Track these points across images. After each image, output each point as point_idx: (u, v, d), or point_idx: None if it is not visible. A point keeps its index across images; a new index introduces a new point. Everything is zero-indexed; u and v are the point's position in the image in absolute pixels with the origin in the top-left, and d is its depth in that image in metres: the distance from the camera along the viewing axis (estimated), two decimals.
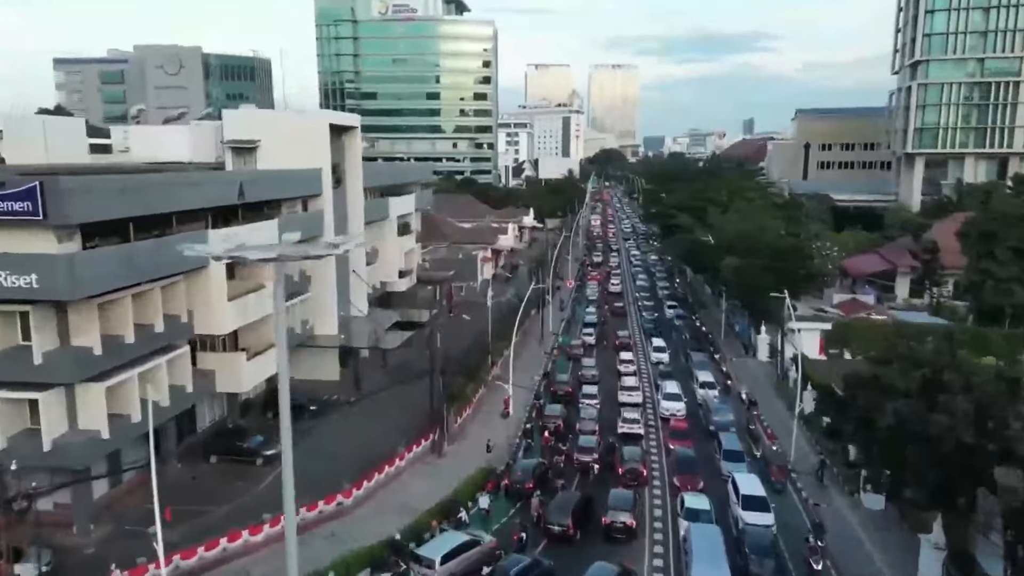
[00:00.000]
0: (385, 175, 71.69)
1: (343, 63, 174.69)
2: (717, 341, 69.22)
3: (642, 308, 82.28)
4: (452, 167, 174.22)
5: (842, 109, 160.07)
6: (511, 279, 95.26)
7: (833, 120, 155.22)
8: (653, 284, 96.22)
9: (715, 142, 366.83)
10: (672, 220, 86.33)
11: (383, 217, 68.78)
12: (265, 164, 52.37)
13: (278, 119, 54.12)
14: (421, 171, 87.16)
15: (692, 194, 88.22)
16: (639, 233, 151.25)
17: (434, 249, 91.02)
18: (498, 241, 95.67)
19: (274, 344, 47.03)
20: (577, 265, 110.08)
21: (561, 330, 75.06)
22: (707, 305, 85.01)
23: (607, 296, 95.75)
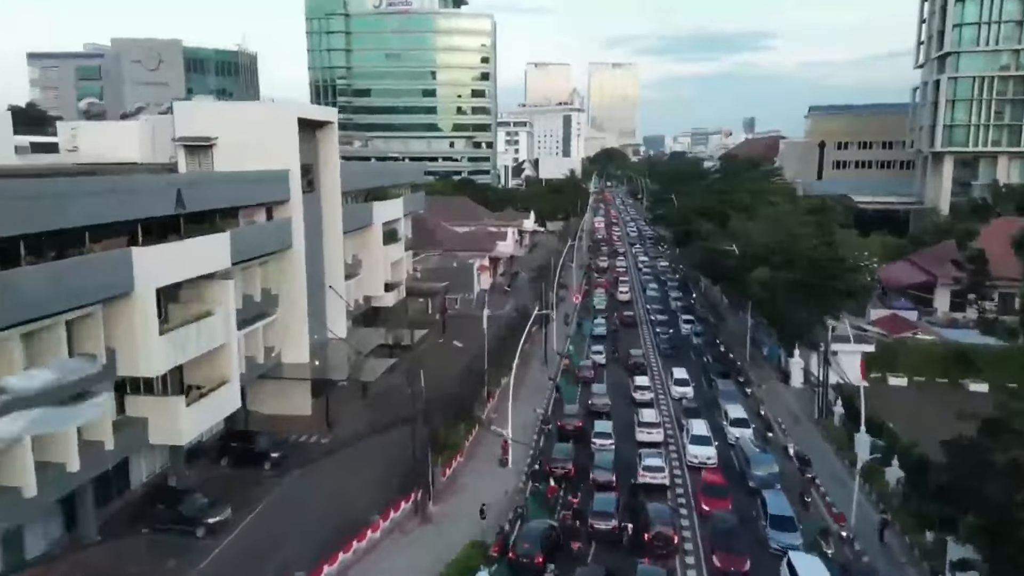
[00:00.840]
0: (369, 177, 64.00)
1: (335, 58, 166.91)
2: (742, 363, 61.51)
3: (655, 323, 74.43)
4: (449, 167, 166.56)
5: (858, 106, 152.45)
6: (510, 289, 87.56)
7: (849, 117, 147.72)
8: (665, 294, 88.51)
9: (721, 141, 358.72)
10: (688, 225, 78.55)
11: (366, 224, 61.16)
12: (224, 164, 44.77)
13: (238, 112, 46.49)
14: (411, 172, 79.40)
15: (708, 196, 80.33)
16: (646, 237, 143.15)
17: (426, 257, 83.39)
18: (496, 248, 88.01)
19: (229, 380, 39.56)
20: (582, 272, 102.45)
21: (567, 347, 67.29)
22: (725, 318, 77.31)
23: (616, 305, 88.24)
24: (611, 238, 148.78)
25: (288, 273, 46.50)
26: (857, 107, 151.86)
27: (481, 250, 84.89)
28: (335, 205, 52.72)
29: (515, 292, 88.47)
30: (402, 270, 68.98)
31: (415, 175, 78.25)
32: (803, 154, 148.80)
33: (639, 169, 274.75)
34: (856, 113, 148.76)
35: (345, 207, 56.31)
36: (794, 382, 56.38)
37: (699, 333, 68.28)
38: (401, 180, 72.33)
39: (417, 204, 77.19)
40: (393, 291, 66.20)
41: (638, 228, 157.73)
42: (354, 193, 60.40)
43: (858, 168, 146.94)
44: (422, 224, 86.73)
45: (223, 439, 41.43)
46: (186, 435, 34.66)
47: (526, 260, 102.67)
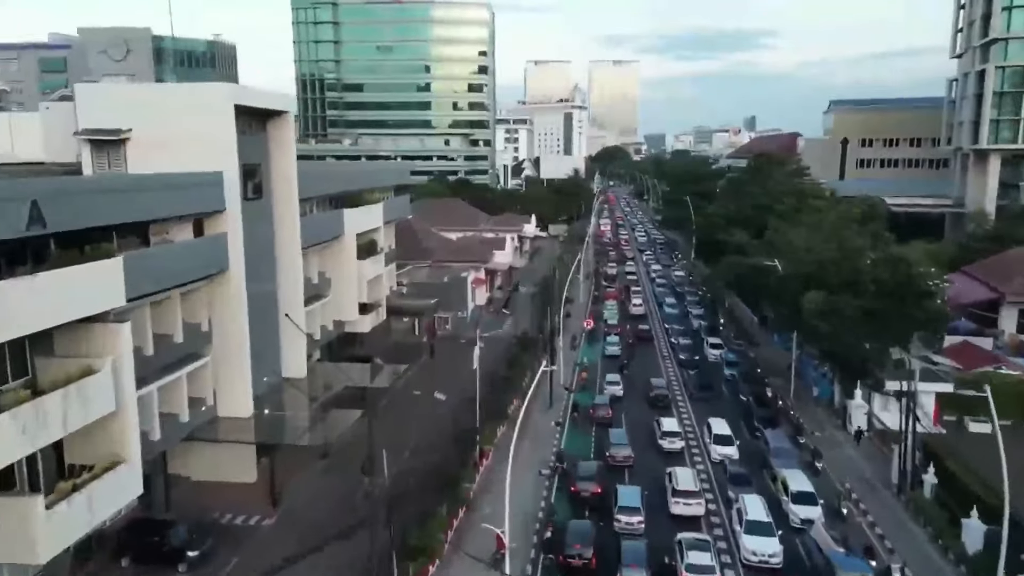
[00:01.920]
0: (338, 179, 53.65)
1: (322, 51, 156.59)
2: (786, 402, 51.32)
3: (678, 347, 63.98)
4: (444, 166, 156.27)
5: (884, 100, 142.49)
6: (508, 311, 77.31)
7: (874, 112, 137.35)
8: (684, 310, 78.22)
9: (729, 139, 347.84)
10: (713, 233, 68.10)
11: (336, 235, 51.03)
12: (141, 164, 34.72)
13: (158, 97, 36.26)
14: (394, 172, 68.95)
15: (735, 200, 69.86)
16: (656, 242, 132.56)
17: (413, 270, 73.23)
18: (493, 258, 77.80)
19: (125, 460, 29.42)
20: (590, 282, 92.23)
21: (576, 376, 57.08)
22: (758, 342, 67.09)
23: (624, 312, 78.42)
24: (618, 242, 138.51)
25: (223, 303, 36.32)
26: (883, 101, 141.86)
27: (476, 261, 74.74)
28: (291, 215, 42.51)
29: (515, 308, 78.31)
30: (382, 287, 58.82)
31: (399, 176, 67.93)
32: (824, 152, 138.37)
33: (643, 168, 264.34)
34: (882, 108, 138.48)
35: (307, 217, 46.22)
36: (854, 428, 46.13)
37: (732, 363, 57.98)
38: (381, 182, 62.11)
39: (401, 210, 67.05)
40: (371, 313, 56.09)
41: (647, 232, 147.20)
42: (320, 199, 50.24)
43: (884, 167, 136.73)
44: (409, 232, 76.60)
45: (123, 531, 31.16)
46: (46, 551, 24.38)
47: (527, 270, 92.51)
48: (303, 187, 45.22)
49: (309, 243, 46.65)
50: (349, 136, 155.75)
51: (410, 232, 77.19)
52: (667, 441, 44.60)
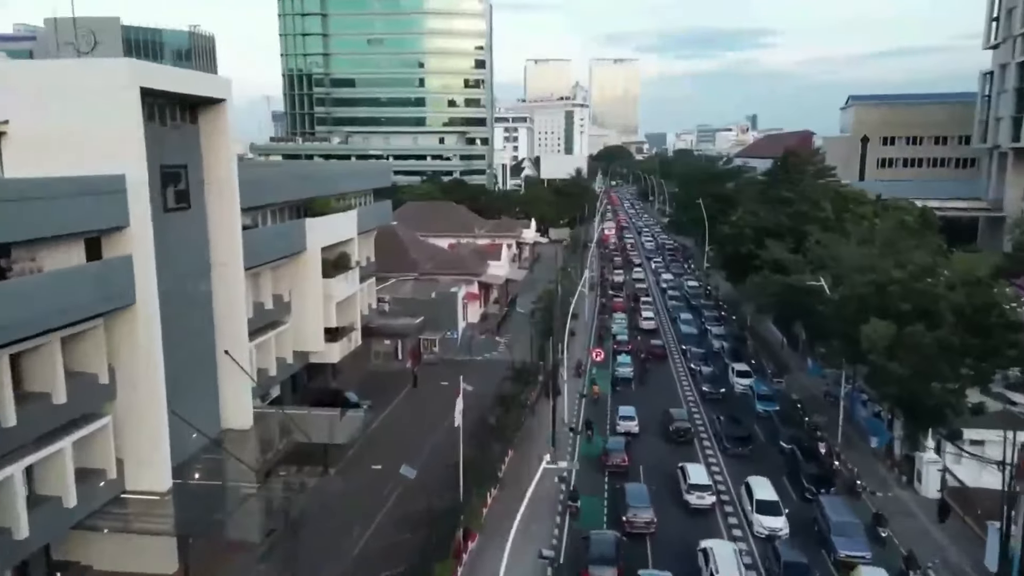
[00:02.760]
0: (303, 183, 45.10)
1: (310, 44, 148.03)
2: (838, 451, 42.92)
3: (699, 376, 55.25)
4: (438, 166, 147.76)
5: (907, 95, 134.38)
6: (506, 322, 68.97)
7: (897, 109, 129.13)
8: (701, 326, 69.70)
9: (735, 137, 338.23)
10: (742, 245, 59.37)
11: (296, 250, 42.61)
12: (22, 165, 26.49)
13: (44, 78, 27.79)
14: (374, 173, 60.28)
15: (762, 205, 61.16)
16: (664, 248, 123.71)
17: (397, 284, 64.87)
18: (488, 270, 69.37)
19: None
20: (595, 294, 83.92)
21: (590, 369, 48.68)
22: (790, 367, 58.74)
23: (640, 334, 70.29)
24: (624, 247, 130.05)
25: (130, 345, 27.95)
26: (905, 96, 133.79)
27: (468, 274, 66.29)
28: (230, 228, 34.10)
29: (512, 326, 69.93)
30: (355, 308, 50.43)
31: (378, 177, 59.40)
32: (842, 151, 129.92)
33: (647, 167, 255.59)
34: (905, 103, 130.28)
35: (256, 231, 37.98)
36: (927, 489, 37.74)
37: (765, 396, 49.41)
38: (358, 185, 53.77)
39: (382, 216, 58.73)
40: (343, 339, 47.72)
41: (654, 236, 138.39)
42: (277, 207, 41.90)
43: (906, 167, 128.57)
44: (393, 240, 68.30)
45: None
46: None
47: (526, 281, 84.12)
48: (253, 193, 36.93)
49: (260, 261, 38.39)
50: (338, 134, 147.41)
51: (394, 241, 68.86)
52: (695, 496, 36.55)
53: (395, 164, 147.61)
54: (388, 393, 52.15)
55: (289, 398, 45.61)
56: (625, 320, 74.40)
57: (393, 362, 58.57)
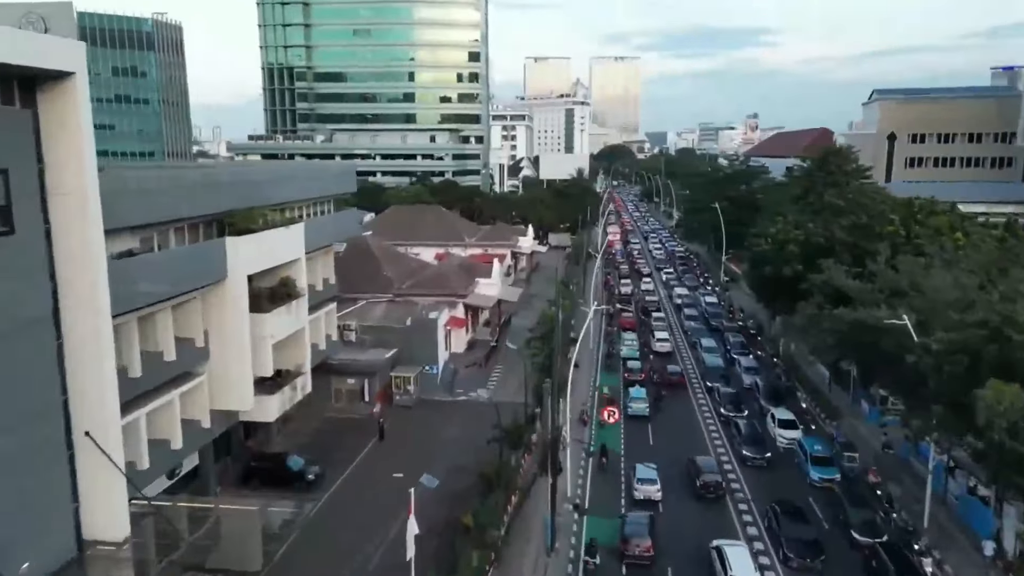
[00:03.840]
0: (208, 194, 34.10)
1: (291, 35, 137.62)
2: (916, 526, 32.64)
3: (736, 432, 44.23)
4: (429, 166, 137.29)
5: (937, 89, 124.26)
6: (495, 354, 58.60)
7: (927, 103, 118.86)
8: (726, 354, 59.22)
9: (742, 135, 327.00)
10: (778, 261, 48.46)
11: (211, 280, 32.22)
12: None
13: None
14: (328, 177, 48.75)
15: (811, 216, 50.11)
16: (675, 255, 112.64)
17: (368, 306, 54.64)
18: (475, 290, 58.94)
19: None
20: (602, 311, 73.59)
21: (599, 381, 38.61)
22: (839, 411, 48.38)
23: (652, 356, 60.50)
24: (630, 253, 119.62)
25: None
26: (935, 91, 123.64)
27: (451, 295, 55.90)
28: (88, 257, 23.69)
29: (504, 356, 59.54)
30: (303, 347, 40.03)
31: (338, 181, 48.64)
32: (867, 150, 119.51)
33: (651, 167, 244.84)
34: (935, 98, 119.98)
35: (141, 259, 27.67)
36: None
37: (823, 460, 38.73)
38: (298, 193, 43.27)
39: (344, 229, 48.54)
40: (283, 390, 37.34)
41: (662, 242, 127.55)
42: (185, 224, 31.54)
43: (936, 166, 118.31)
44: (364, 255, 58.17)
45: None
46: None
47: (523, 297, 73.75)
48: (142, 207, 26.81)
49: (153, 298, 28.16)
50: (321, 132, 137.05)
51: (365, 255, 58.65)
52: None
53: (383, 164, 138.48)
54: (347, 450, 41.92)
55: (211, 471, 35.35)
56: (636, 341, 64.30)
57: (358, 404, 48.30)
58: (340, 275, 52.87)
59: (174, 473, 32.93)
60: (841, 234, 44.53)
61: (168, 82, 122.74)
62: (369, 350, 50.42)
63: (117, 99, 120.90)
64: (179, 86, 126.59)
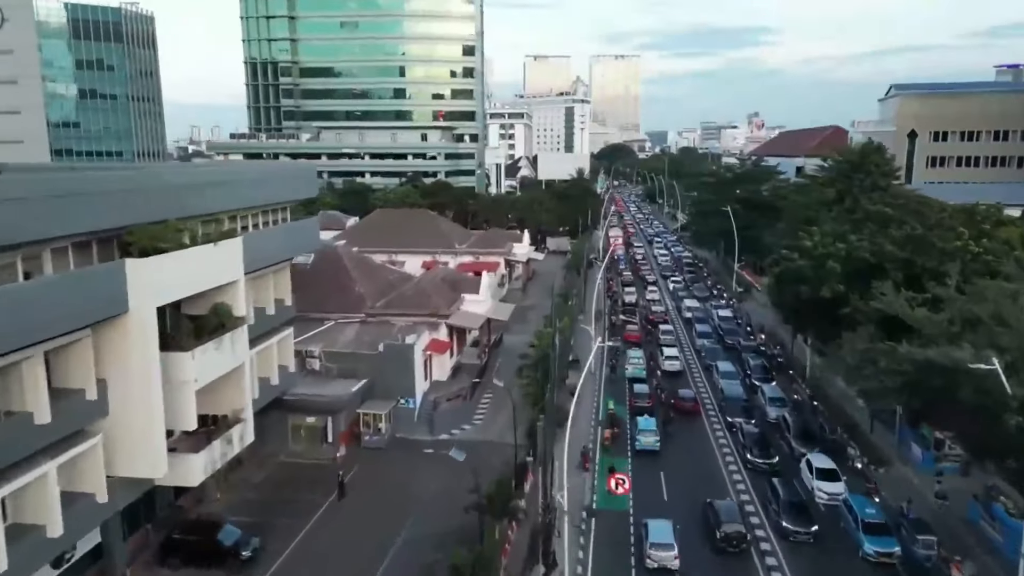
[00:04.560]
0: (106, 205, 26.65)
1: (275, 28, 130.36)
2: None
3: (774, 498, 36.63)
4: (421, 166, 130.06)
5: (961, 84, 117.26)
6: (485, 379, 51.50)
7: (950, 99, 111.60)
8: (747, 382, 51.99)
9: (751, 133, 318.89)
10: (822, 283, 40.20)
11: (107, 315, 25.06)
12: None
13: None
14: (278, 181, 40.75)
15: (853, 228, 42.60)
16: (681, 262, 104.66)
17: (336, 328, 47.57)
18: (461, 307, 51.70)
19: None
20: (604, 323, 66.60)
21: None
22: (881, 451, 41.28)
23: (662, 379, 54.43)
24: (633, 258, 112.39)
25: None
26: (959, 85, 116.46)
27: (432, 315, 48.64)
28: None
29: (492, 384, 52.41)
30: (242, 388, 32.77)
31: (295, 184, 41.17)
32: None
33: (653, 166, 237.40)
34: (958, 93, 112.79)
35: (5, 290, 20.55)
36: None
37: (878, 528, 31.55)
38: (246, 199, 36.10)
39: (300, 242, 41.36)
40: (212, 445, 30.19)
41: (667, 246, 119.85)
42: (71, 243, 24.49)
43: (960, 166, 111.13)
44: (334, 267, 51.12)
45: None
46: None
47: (517, 311, 66.64)
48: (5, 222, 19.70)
49: (15, 345, 21.09)
50: (307, 130, 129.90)
51: (336, 267, 51.52)
52: None
53: (372, 164, 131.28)
54: (298, 510, 34.85)
55: (119, 548, 28.26)
56: (642, 359, 57.33)
57: (320, 446, 41.23)
58: (305, 292, 45.82)
59: (62, 560, 25.91)
60: (892, 249, 37.27)
61: (139, 76, 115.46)
62: (334, 381, 43.34)
63: (82, 95, 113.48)
64: (151, 81, 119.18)
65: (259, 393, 35.84)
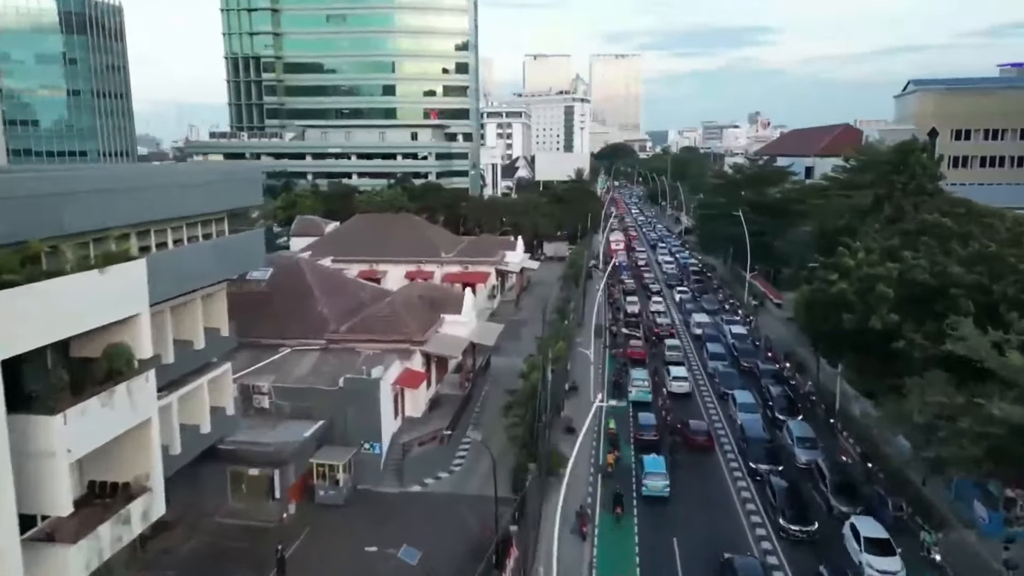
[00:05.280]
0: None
1: (257, 20, 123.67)
2: None
3: (789, 533, 30.50)
4: (411, 166, 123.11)
5: (984, 79, 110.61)
6: (464, 413, 44.69)
7: (974, 95, 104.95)
8: (771, 416, 45.16)
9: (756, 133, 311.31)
10: (870, 313, 32.72)
11: None
12: None
13: None
14: (208, 184, 32.76)
15: (903, 242, 35.55)
16: (688, 271, 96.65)
17: (292, 357, 40.84)
18: (441, 330, 44.88)
19: None
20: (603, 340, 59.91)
21: None
22: (938, 512, 34.44)
23: (668, 400, 48.80)
24: (635, 263, 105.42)
25: None
26: (982, 80, 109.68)
27: (405, 341, 41.79)
28: None
29: (476, 416, 45.65)
30: (149, 449, 25.90)
31: (232, 190, 33.95)
32: None
33: (655, 166, 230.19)
34: (982, 89, 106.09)
35: None
36: None
37: None
38: (159, 209, 29.15)
39: (242, 258, 34.43)
40: (99, 528, 23.36)
41: (671, 252, 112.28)
42: None
43: (984, 167, 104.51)
44: (294, 282, 44.36)
45: None
46: None
47: (509, 327, 59.84)
48: None
49: None
50: (291, 129, 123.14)
51: (296, 282, 44.75)
52: None
53: (359, 164, 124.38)
54: None
55: None
56: (647, 381, 50.77)
57: (266, 503, 34.43)
58: (258, 314, 39.20)
59: None
60: (959, 270, 30.30)
61: (105, 71, 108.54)
62: (285, 424, 36.61)
63: (42, 90, 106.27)
64: (120, 76, 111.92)
65: (181, 447, 29.10)
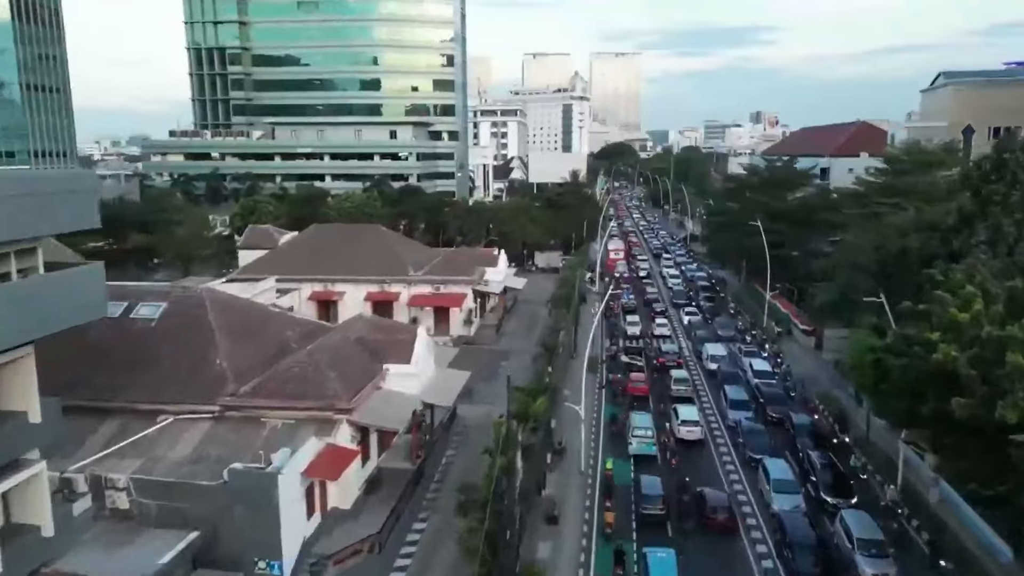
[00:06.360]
0: None
1: (222, 8, 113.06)
2: None
3: None
4: (390, 167, 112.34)
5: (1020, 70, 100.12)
6: (410, 498, 33.97)
7: (1011, 89, 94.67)
8: (814, 491, 34.52)
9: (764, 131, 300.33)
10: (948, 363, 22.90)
11: None
12: None
13: None
14: (18, 200, 21.54)
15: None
16: (698, 286, 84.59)
17: (174, 429, 29.89)
18: (382, 387, 34.21)
19: None
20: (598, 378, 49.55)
21: None
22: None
23: (675, 447, 40.70)
24: (636, 277, 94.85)
25: None
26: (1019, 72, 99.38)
27: (328, 409, 31.06)
28: None
29: (427, 504, 34.81)
30: None
31: (45, 209, 23.15)
32: None
33: (657, 167, 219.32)
34: (1019, 82, 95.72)
35: None
36: None
37: None
38: None
39: (67, 305, 23.46)
40: None
41: (677, 264, 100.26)
42: None
43: None
44: (189, 322, 33.76)
45: None
46: None
47: (484, 367, 49.14)
48: None
49: None
50: (259, 127, 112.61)
51: (195, 324, 34.09)
52: None
53: (333, 166, 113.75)
54: None
55: None
56: (651, 428, 40.47)
57: None
58: (135, 367, 28.73)
59: None
60: None
61: (36, 62, 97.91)
62: (147, 535, 25.99)
63: None
64: (55, 67, 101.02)
65: None
